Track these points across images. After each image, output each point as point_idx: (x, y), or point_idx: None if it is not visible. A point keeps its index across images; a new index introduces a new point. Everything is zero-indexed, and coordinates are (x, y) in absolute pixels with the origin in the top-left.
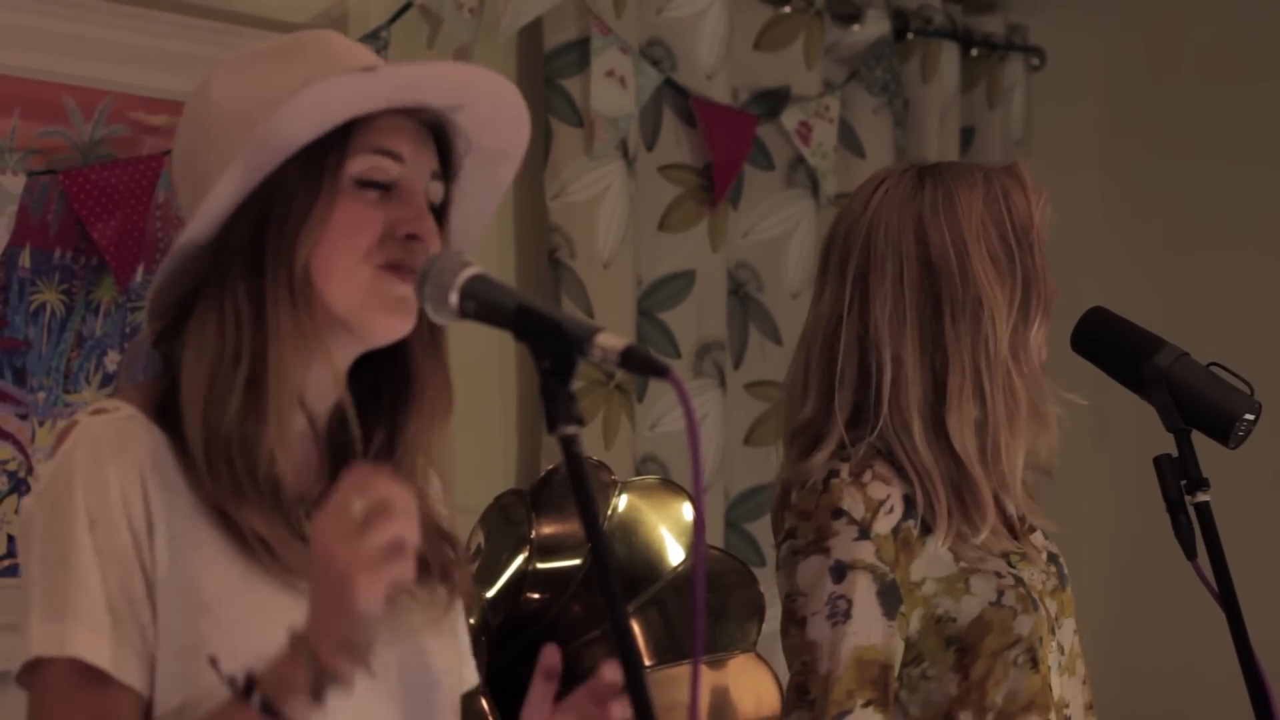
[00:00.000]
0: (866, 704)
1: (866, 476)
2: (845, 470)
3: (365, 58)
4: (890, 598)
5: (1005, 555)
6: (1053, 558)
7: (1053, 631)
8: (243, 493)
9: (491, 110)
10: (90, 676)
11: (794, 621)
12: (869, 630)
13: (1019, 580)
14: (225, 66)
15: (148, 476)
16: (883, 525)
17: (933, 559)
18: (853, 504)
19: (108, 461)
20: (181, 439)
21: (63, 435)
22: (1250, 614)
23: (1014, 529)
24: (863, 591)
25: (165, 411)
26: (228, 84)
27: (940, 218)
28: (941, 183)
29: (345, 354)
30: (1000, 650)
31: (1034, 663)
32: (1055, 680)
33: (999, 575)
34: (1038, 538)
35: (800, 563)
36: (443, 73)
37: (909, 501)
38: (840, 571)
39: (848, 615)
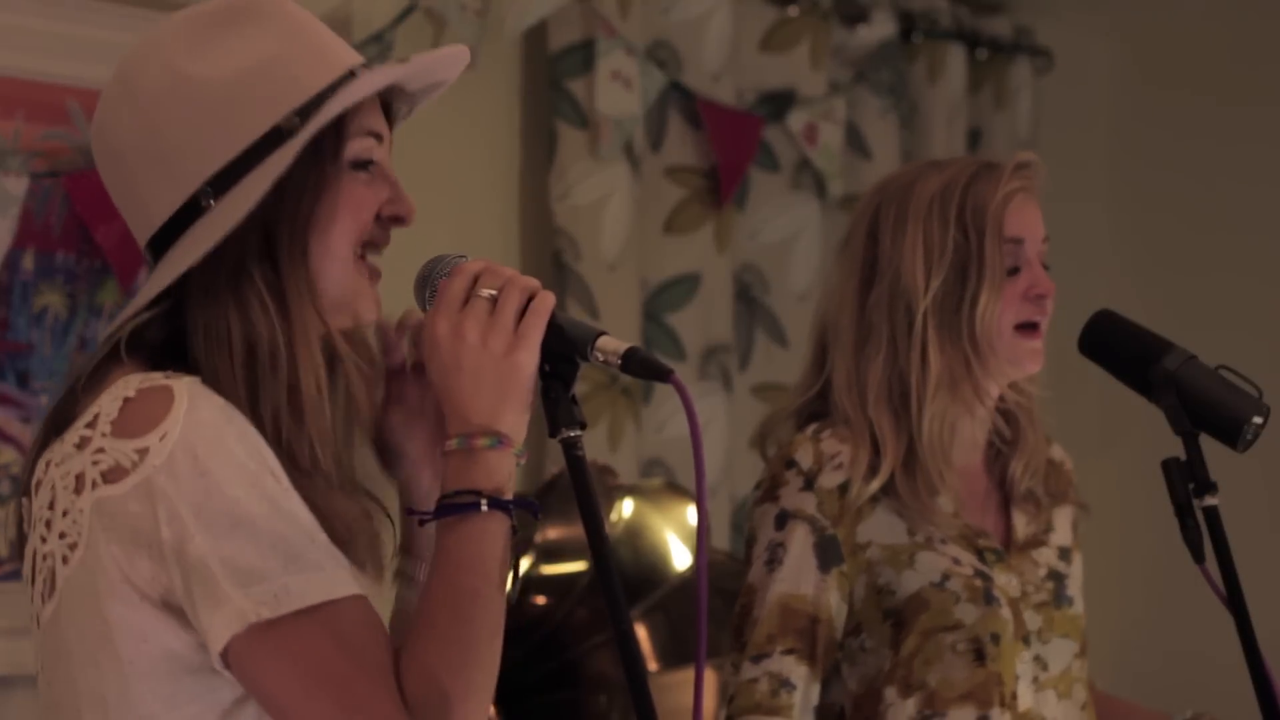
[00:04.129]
0: (788, 651)
1: (825, 434)
2: (811, 428)
3: (323, 26)
4: (827, 552)
5: (979, 550)
6: (1055, 575)
7: (1026, 641)
8: None
9: (447, 79)
10: (368, 606)
11: (746, 565)
12: (799, 579)
13: (981, 575)
14: (170, 36)
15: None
16: (829, 480)
17: (883, 525)
18: (803, 456)
19: (232, 414)
20: None
21: (149, 408)
22: (1259, 617)
23: (1011, 537)
24: (799, 541)
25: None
26: (190, 54)
27: (894, 198)
28: (919, 168)
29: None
30: (935, 631)
31: (979, 655)
32: (1026, 692)
33: (955, 561)
34: (1044, 554)
35: (757, 510)
36: (449, 58)
37: (859, 461)
38: (782, 519)
39: (781, 562)
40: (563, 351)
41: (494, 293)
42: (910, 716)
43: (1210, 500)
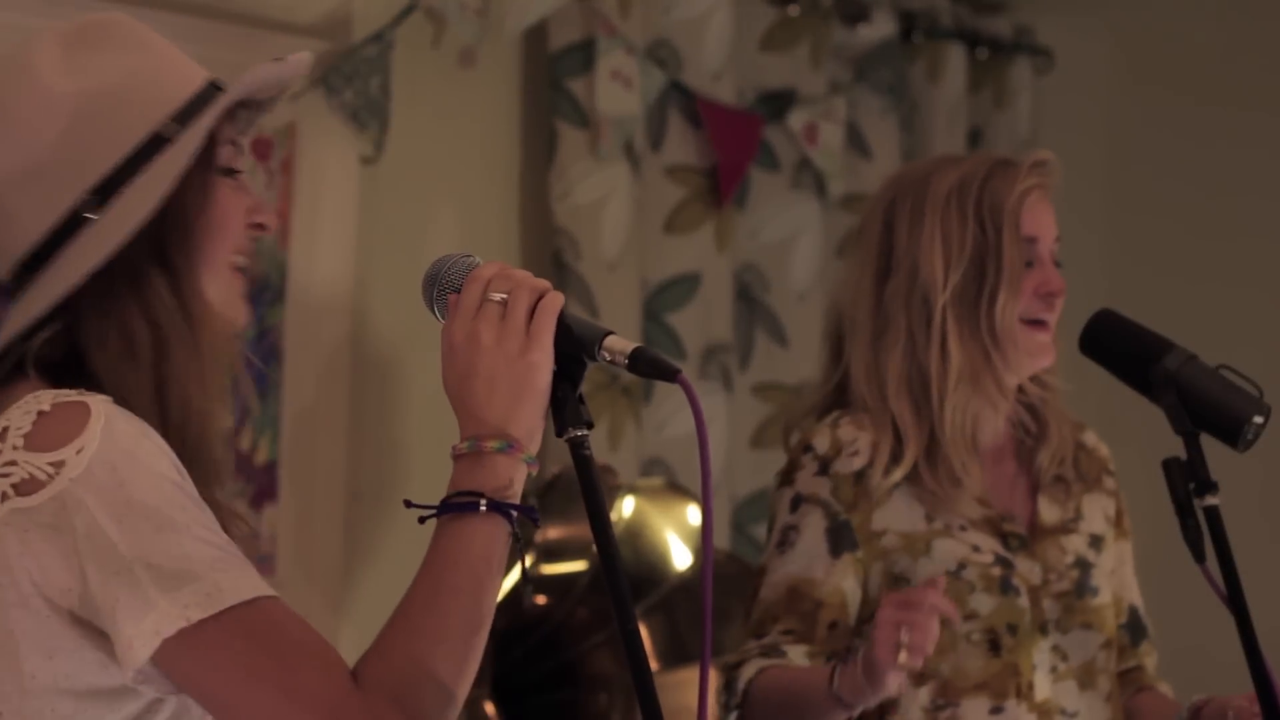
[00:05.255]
0: (786, 632)
1: (844, 420)
2: (831, 416)
3: (170, 45)
4: (840, 537)
5: (1004, 535)
6: (1081, 564)
7: (1044, 630)
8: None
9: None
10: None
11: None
12: (809, 564)
13: (1002, 562)
14: (33, 56)
15: None
16: (844, 466)
17: (900, 511)
18: (820, 442)
19: (147, 430)
20: None
21: (65, 422)
22: (1259, 616)
23: (1037, 521)
24: (812, 526)
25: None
26: (56, 72)
27: (910, 191)
28: (934, 162)
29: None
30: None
31: (994, 646)
32: (1044, 682)
33: (975, 549)
34: (1073, 541)
35: (775, 494)
36: (299, 63)
37: (880, 449)
38: (796, 503)
39: (793, 545)
40: (570, 351)
41: (505, 296)
42: (923, 705)
43: (1211, 500)
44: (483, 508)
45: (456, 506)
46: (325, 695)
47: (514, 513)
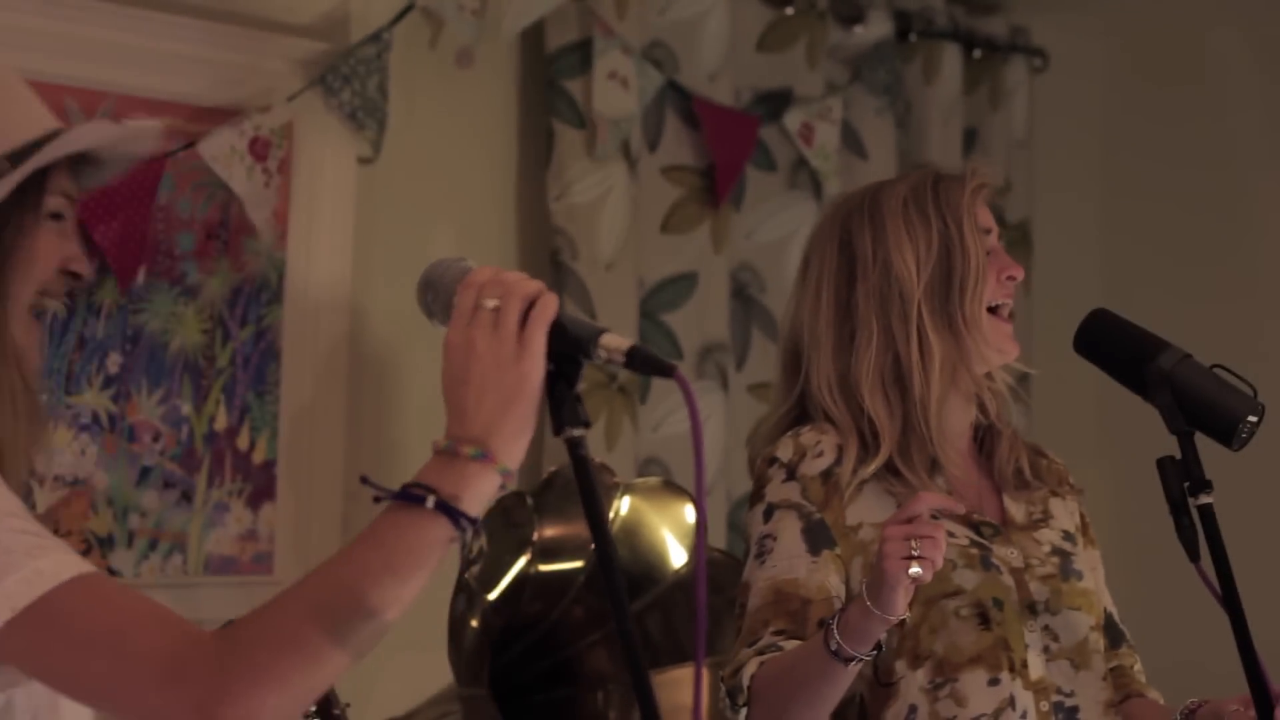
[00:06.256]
0: (778, 632)
1: (805, 429)
2: (792, 430)
3: (27, 90)
4: (817, 535)
5: (975, 525)
6: (1060, 552)
7: (1033, 610)
8: None
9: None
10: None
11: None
12: (791, 565)
13: (978, 545)
14: None
15: None
16: (810, 467)
17: (872, 505)
18: (784, 452)
19: None
20: None
21: None
22: (1254, 616)
23: (1007, 518)
24: (787, 529)
25: None
26: None
27: (862, 207)
28: (872, 185)
29: None
30: (936, 599)
31: (984, 619)
32: (1037, 662)
33: (950, 534)
34: (1045, 534)
35: (748, 515)
36: (144, 131)
37: (847, 451)
38: (769, 512)
39: (771, 551)
40: (567, 350)
41: (497, 304)
42: (922, 686)
43: (1205, 499)
44: (429, 505)
45: (407, 495)
46: (161, 652)
47: (461, 520)
